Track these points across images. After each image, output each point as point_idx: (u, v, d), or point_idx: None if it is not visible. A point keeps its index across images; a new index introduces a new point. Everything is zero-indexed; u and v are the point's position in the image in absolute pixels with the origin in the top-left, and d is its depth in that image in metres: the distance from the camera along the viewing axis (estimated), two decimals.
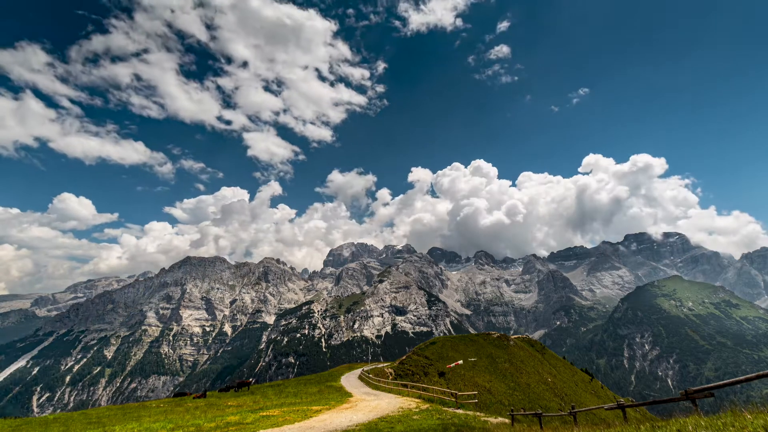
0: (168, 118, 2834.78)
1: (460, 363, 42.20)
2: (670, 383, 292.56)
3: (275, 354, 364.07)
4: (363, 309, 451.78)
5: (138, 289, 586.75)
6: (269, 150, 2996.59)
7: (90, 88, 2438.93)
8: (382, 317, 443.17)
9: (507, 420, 22.55)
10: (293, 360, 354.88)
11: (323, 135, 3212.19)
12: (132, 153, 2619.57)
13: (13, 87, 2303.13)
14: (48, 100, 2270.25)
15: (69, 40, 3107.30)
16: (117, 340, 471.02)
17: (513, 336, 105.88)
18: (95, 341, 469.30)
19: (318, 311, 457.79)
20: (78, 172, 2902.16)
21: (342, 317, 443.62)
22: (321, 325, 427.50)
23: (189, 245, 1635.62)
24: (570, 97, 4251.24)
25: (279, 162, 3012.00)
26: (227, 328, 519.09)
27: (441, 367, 61.28)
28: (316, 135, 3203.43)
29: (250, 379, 49.11)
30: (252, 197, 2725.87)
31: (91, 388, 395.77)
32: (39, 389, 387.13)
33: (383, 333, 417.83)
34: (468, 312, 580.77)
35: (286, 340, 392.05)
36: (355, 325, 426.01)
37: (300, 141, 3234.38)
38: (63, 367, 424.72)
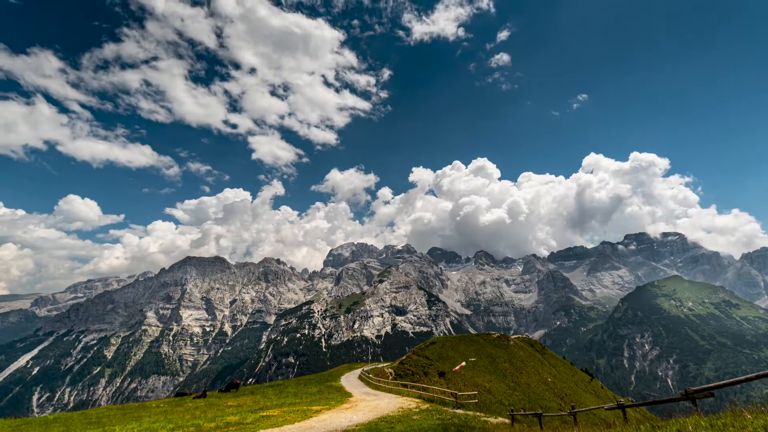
0: (175, 122, 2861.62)
1: (463, 365, 42.11)
2: (670, 383, 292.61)
3: (275, 354, 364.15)
4: (363, 309, 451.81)
5: (138, 289, 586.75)
6: (274, 153, 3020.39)
7: (100, 93, 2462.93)
8: (382, 317, 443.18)
9: (507, 420, 22.55)
10: (293, 360, 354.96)
11: (328, 138, 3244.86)
12: (139, 156, 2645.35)
13: (25, 92, 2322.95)
14: (59, 104, 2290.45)
15: (82, 47, 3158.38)
16: (117, 340, 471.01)
17: (513, 336, 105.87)
18: (95, 341, 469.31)
19: (318, 311, 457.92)
20: (85, 174, 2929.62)
21: (342, 317, 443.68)
22: (321, 325, 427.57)
23: (190, 245, 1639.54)
24: (570, 102, 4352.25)
25: (283, 165, 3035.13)
26: (227, 328, 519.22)
27: (441, 367, 61.28)
28: (320, 138, 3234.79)
29: (237, 381, 49.36)
30: (254, 197, 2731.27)
31: (91, 388, 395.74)
32: (39, 389, 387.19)
33: (383, 333, 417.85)
34: (468, 312, 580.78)
35: (286, 340, 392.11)
36: (355, 325, 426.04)
37: (304, 144, 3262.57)
38: (63, 367, 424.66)
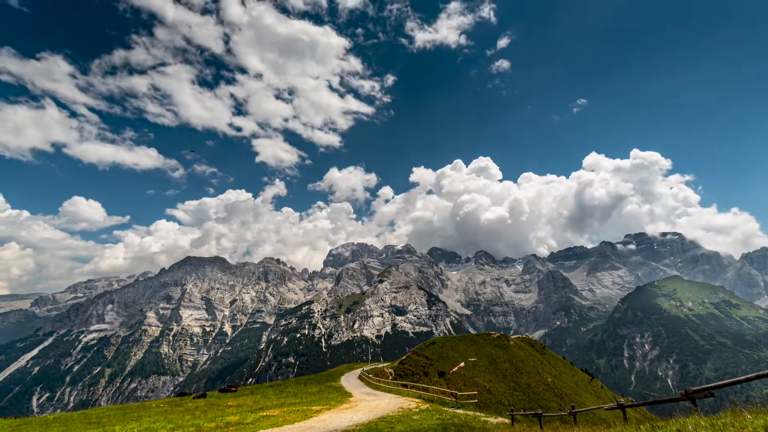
0: (181, 125, 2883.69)
1: (462, 366, 42.11)
2: (670, 383, 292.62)
3: (275, 354, 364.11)
4: (363, 309, 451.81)
5: (138, 289, 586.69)
6: (277, 156, 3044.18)
7: (108, 97, 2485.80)
8: (382, 317, 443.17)
9: (507, 420, 22.55)
10: (293, 360, 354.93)
11: (331, 141, 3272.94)
12: (145, 159, 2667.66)
13: (34, 96, 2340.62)
14: (67, 108, 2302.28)
15: (93, 54, 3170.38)
16: (117, 340, 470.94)
17: (513, 336, 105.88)
18: (95, 341, 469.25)
19: (318, 311, 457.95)
20: (91, 176, 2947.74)
21: (342, 317, 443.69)
22: (321, 325, 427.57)
23: (190, 244, 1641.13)
24: (570, 107, 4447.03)
25: (286, 167, 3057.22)
26: (227, 328, 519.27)
27: (441, 367, 61.29)
28: (324, 141, 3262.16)
29: (233, 388, 49.30)
30: (255, 197, 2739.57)
31: (91, 388, 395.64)
32: (39, 389, 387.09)
33: (383, 333, 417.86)
34: (468, 312, 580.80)
35: (286, 340, 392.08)
36: (355, 325, 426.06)
37: (308, 146, 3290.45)
38: (63, 367, 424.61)
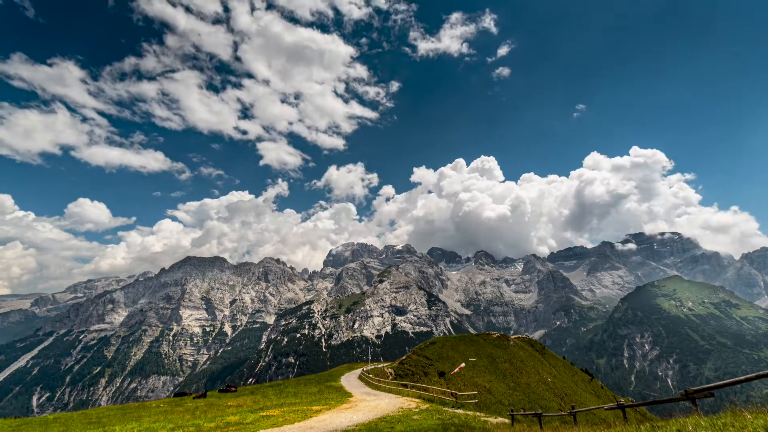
0: (187, 128, 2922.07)
1: (463, 366, 42.11)
2: (670, 383, 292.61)
3: (275, 354, 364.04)
4: (363, 309, 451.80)
5: (138, 289, 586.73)
6: (282, 159, 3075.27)
7: (117, 102, 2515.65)
8: (382, 317, 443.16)
9: (507, 420, 22.55)
10: (293, 360, 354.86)
11: (335, 143, 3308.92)
12: (152, 162, 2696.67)
13: (45, 100, 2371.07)
14: (77, 112, 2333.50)
15: (105, 60, 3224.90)
16: (117, 340, 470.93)
17: (513, 336, 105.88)
18: (95, 341, 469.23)
19: (318, 311, 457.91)
20: (98, 178, 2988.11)
21: (342, 317, 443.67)
22: (321, 325, 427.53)
23: (192, 244, 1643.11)
24: (570, 111, 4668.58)
25: (290, 170, 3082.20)
26: (227, 328, 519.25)
27: (441, 367, 61.29)
28: (328, 143, 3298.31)
29: (233, 388, 49.42)
30: (256, 197, 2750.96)
31: (91, 388, 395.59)
32: (39, 389, 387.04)
33: (383, 333, 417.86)
34: (468, 312, 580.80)
35: (286, 340, 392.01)
36: (355, 325, 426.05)
37: (312, 149, 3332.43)
38: (63, 367, 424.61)
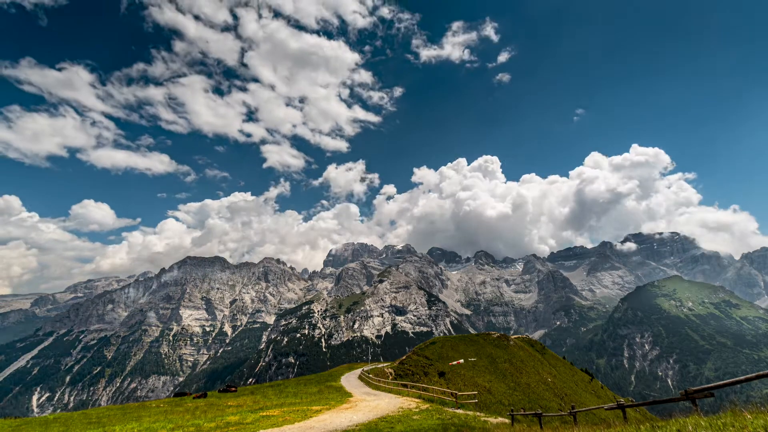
0: (193, 131, 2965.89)
1: (461, 362, 42.28)
2: (670, 383, 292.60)
3: (275, 354, 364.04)
4: (363, 309, 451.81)
5: (138, 289, 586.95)
6: (285, 161, 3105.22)
7: (125, 106, 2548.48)
8: (382, 317, 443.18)
9: (507, 420, 22.56)
10: (293, 360, 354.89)
11: (338, 146, 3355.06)
12: (158, 164, 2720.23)
13: (54, 104, 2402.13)
14: (84, 115, 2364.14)
15: (114, 66, 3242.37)
16: (117, 340, 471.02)
17: (513, 336, 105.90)
18: (95, 341, 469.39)
19: (318, 311, 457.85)
20: (104, 181, 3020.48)
21: (342, 317, 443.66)
22: (321, 325, 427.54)
23: (193, 244, 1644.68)
24: (570, 115, 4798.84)
25: (293, 172, 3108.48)
26: (227, 328, 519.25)
27: (441, 367, 61.30)
28: (331, 146, 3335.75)
29: (233, 388, 49.51)
30: (258, 196, 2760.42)
31: (91, 388, 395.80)
32: (39, 389, 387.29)
33: (383, 333, 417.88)
34: (468, 312, 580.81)
35: (286, 340, 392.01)
36: (355, 325, 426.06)
37: (315, 151, 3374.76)
38: (63, 367, 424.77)
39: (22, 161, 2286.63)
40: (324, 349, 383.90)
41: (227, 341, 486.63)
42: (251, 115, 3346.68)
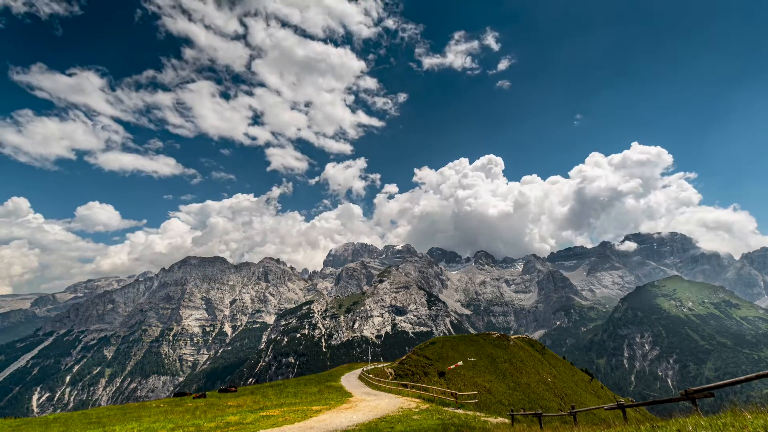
0: (199, 135, 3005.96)
1: (460, 364, 42.25)
2: (670, 383, 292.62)
3: (275, 354, 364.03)
4: (363, 309, 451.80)
5: (138, 289, 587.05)
6: (288, 164, 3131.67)
7: (134, 110, 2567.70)
8: (382, 317, 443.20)
9: (507, 420, 22.56)
10: (293, 360, 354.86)
11: (342, 148, 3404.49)
12: (164, 167, 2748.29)
13: (64, 108, 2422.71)
14: (93, 119, 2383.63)
15: (125, 72, 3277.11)
16: (117, 340, 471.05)
17: (513, 336, 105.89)
18: (95, 341, 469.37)
19: (318, 311, 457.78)
20: (111, 183, 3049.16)
21: (342, 317, 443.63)
22: (321, 325, 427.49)
23: (194, 244, 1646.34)
24: (570, 120, 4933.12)
25: (297, 174, 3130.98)
26: (227, 328, 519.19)
27: (441, 367, 61.30)
28: (335, 149, 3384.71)
29: (233, 388, 49.59)
30: (258, 196, 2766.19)
31: (91, 388, 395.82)
32: (39, 389, 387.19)
33: (383, 333, 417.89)
34: (468, 312, 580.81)
35: (286, 340, 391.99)
36: (355, 325, 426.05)
37: (318, 153, 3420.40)
38: (63, 367, 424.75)
39: (32, 165, 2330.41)
40: (324, 349, 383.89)
41: (227, 341, 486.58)
42: (257, 119, 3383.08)
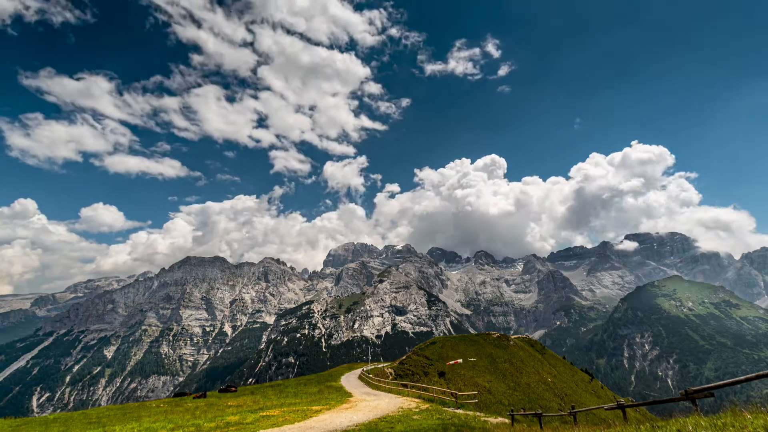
0: (203, 137, 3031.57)
1: (459, 361, 42.31)
2: (670, 383, 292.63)
3: (275, 354, 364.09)
4: (363, 309, 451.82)
5: (138, 289, 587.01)
6: (292, 166, 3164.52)
7: (141, 114, 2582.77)
8: (382, 317, 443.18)
9: (507, 420, 22.57)
10: (293, 360, 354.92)
11: (345, 151, 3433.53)
12: (169, 169, 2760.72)
13: (72, 111, 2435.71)
14: (101, 122, 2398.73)
15: (134, 77, 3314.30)
16: (117, 340, 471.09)
17: (513, 336, 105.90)
18: (95, 341, 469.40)
19: (318, 311, 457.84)
20: (116, 185, 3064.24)
21: (342, 317, 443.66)
22: (321, 325, 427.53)
23: (195, 244, 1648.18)
24: (570, 124, 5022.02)
25: (300, 176, 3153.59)
26: (227, 328, 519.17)
27: (441, 367, 61.30)
28: (338, 151, 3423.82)
29: (233, 388, 49.65)
30: (259, 197, 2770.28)
31: (91, 388, 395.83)
32: (39, 389, 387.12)
33: (383, 333, 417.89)
34: (468, 312, 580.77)
35: (286, 340, 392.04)
36: (355, 325, 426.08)
37: (321, 156, 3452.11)
38: (63, 367, 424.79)
39: (39, 167, 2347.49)
40: (324, 349, 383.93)
41: (227, 341, 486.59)
42: (262, 122, 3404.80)
